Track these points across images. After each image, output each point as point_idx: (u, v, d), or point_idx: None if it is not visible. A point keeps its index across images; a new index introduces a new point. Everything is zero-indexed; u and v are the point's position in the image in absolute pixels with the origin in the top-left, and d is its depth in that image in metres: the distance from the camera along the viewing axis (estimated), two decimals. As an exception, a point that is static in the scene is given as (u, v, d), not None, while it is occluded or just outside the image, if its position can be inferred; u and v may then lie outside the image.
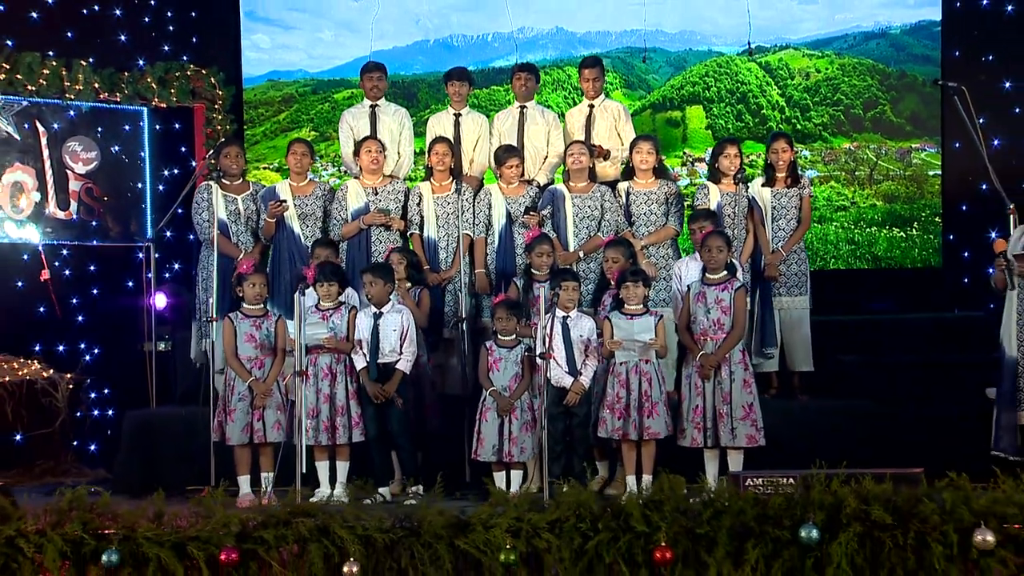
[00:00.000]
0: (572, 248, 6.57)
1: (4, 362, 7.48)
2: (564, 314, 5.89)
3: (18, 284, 8.02)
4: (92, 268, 8.39)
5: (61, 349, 8.09)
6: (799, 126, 8.75)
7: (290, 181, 6.92)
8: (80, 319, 8.29)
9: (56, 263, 8.12)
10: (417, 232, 6.79)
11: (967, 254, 8.21)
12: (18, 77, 7.85)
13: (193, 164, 8.27)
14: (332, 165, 8.67)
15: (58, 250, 8.17)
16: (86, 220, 8.18)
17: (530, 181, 6.97)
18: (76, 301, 8.27)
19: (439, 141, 6.85)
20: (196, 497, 4.75)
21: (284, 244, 6.78)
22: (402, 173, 7.23)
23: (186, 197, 7.03)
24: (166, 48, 8.73)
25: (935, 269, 8.51)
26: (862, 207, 8.70)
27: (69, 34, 8.34)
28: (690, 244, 6.54)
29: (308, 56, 9.22)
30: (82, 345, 8.23)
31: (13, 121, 7.92)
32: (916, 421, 6.21)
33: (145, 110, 8.41)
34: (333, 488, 5.85)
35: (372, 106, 7.27)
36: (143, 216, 8.36)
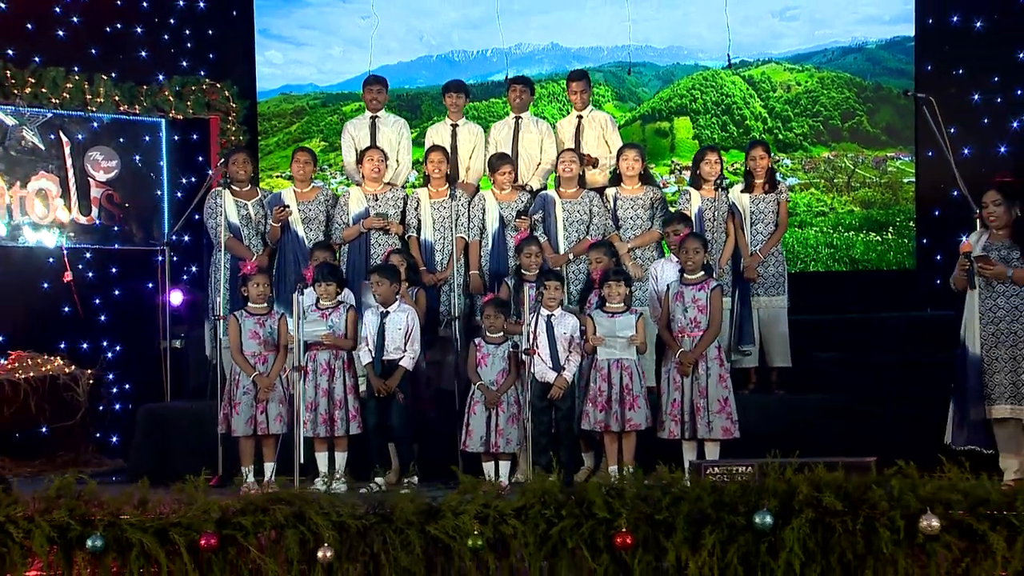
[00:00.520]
0: (562, 251, 6.70)
1: (28, 358, 7.63)
2: (548, 312, 5.97)
3: (43, 286, 8.16)
4: (113, 270, 8.51)
5: (84, 347, 8.21)
6: (781, 136, 8.82)
7: (294, 187, 7.04)
8: (102, 318, 8.42)
9: (79, 266, 8.28)
10: (415, 235, 6.91)
11: (940, 257, 8.14)
12: (43, 91, 8.04)
13: (209, 172, 8.34)
14: (340, 173, 8.72)
15: (81, 253, 8.32)
16: (108, 225, 8.33)
17: (523, 187, 7.10)
18: (98, 301, 8.42)
19: (435, 150, 7.02)
20: (177, 485, 4.70)
21: (289, 246, 6.92)
22: (400, 181, 7.36)
23: (200, 203, 7.15)
24: (184, 64, 8.87)
25: (909, 271, 8.53)
26: (840, 213, 8.77)
27: (93, 51, 8.52)
28: (672, 247, 6.51)
29: (318, 71, 9.40)
30: (104, 343, 8.34)
31: (38, 132, 8.10)
32: (889, 415, 6.27)
33: (163, 121, 8.55)
34: (332, 477, 5.93)
35: (373, 117, 7.42)
36: (161, 221, 8.48)
